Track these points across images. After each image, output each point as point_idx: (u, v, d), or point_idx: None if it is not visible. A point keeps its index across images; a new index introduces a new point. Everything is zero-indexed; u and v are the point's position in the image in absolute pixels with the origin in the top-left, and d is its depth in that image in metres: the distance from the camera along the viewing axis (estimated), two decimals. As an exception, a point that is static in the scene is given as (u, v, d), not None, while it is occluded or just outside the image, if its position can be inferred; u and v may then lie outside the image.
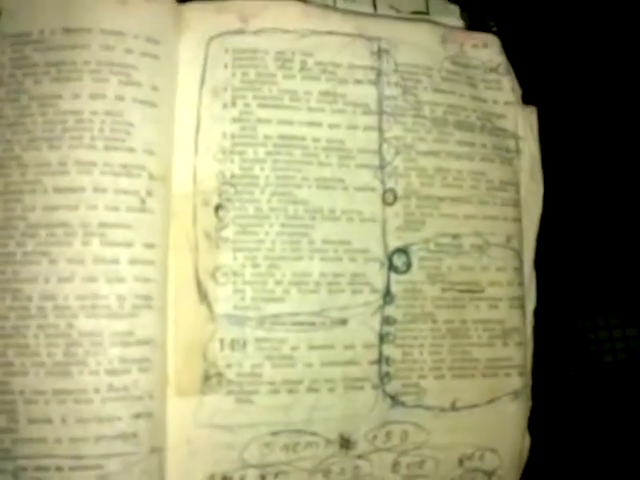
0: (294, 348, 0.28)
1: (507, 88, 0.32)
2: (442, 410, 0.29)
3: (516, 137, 0.32)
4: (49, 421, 0.25)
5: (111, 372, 0.25)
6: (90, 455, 0.25)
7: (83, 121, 0.26)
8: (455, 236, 0.30)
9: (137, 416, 0.25)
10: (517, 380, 0.30)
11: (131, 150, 0.27)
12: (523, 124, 0.32)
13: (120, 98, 0.27)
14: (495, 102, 0.32)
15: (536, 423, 0.31)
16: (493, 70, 0.32)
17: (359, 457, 0.28)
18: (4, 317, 0.25)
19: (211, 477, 0.27)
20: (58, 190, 0.26)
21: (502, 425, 0.30)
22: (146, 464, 0.25)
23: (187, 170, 0.28)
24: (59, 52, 0.26)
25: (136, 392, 0.26)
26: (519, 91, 0.33)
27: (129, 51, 0.27)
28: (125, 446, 0.25)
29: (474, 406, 0.30)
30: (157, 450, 0.26)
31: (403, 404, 0.29)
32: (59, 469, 0.25)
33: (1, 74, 0.27)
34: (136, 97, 0.27)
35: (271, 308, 0.28)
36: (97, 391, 0.25)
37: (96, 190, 0.26)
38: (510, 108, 0.32)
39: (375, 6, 0.32)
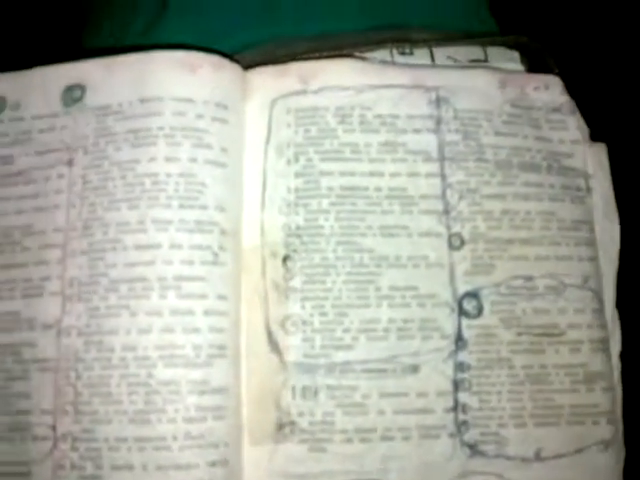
0: (365, 396, 0.29)
1: (573, 127, 0.33)
2: (525, 460, 0.29)
3: (586, 175, 0.33)
4: (131, 468, 0.27)
5: (188, 420, 0.27)
6: (169, 502, 0.27)
7: (159, 182, 0.29)
8: (528, 278, 0.31)
9: (213, 464, 0.27)
10: (606, 428, 0.30)
11: (204, 208, 0.30)
12: (592, 162, 0.33)
13: (193, 160, 0.30)
14: (561, 141, 0.33)
15: (632, 475, 0.30)
16: (556, 110, 0.33)
17: (439, 509, 0.28)
18: (90, 368, 0.28)
19: (287, 527, 0.28)
20: (137, 247, 0.29)
21: (593, 477, 0.29)
22: (223, 512, 0.27)
23: (255, 224, 0.31)
24: (136, 120, 0.30)
25: (212, 440, 0.27)
26: (586, 129, 0.34)
27: (200, 116, 0.30)
28: (202, 494, 0.27)
29: (560, 456, 0.29)
30: (233, 499, 0.27)
31: (483, 454, 0.29)
32: (140, 516, 0.27)
33: (86, 144, 0.31)
34: (207, 159, 0.30)
35: (341, 356, 0.29)
36: (175, 439, 0.27)
37: (172, 246, 0.29)
38: (577, 147, 0.33)
39: (433, 58, 0.35)
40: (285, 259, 0.30)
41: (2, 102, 0.32)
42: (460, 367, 0.30)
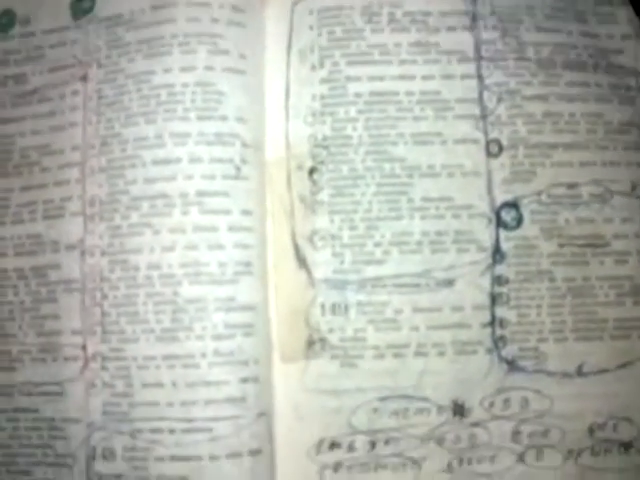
0: (398, 311, 0.29)
1: (623, 20, 0.31)
2: (566, 375, 0.29)
3: (636, 74, 0.31)
4: (160, 385, 0.27)
5: (216, 337, 0.28)
6: (200, 418, 0.27)
7: (175, 94, 0.29)
8: (571, 186, 0.30)
9: (244, 380, 0.28)
10: (653, 342, 0.29)
11: (223, 119, 0.29)
12: (645, 58, 0.31)
13: (209, 68, 0.29)
14: (610, 37, 0.31)
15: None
16: (605, 2, 0.31)
17: (475, 425, 0.28)
18: (115, 287, 0.28)
19: (319, 442, 0.28)
20: (156, 163, 0.29)
21: (637, 391, 0.29)
22: (255, 428, 0.27)
23: (279, 135, 0.30)
24: (149, 29, 0.29)
25: (241, 357, 0.28)
26: (638, 22, 0.31)
27: (215, 21, 0.29)
28: (234, 409, 0.27)
29: (603, 371, 0.29)
30: (265, 414, 0.28)
31: (521, 369, 0.29)
32: (172, 431, 0.27)
33: (99, 57, 0.30)
34: (225, 66, 0.29)
35: (371, 271, 0.29)
36: (204, 356, 0.27)
37: (192, 160, 0.28)
38: (628, 42, 0.31)
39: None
40: (312, 171, 0.29)
41: (11, 17, 0.32)
42: (498, 280, 0.29)
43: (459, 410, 0.28)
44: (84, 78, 0.30)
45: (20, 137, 0.30)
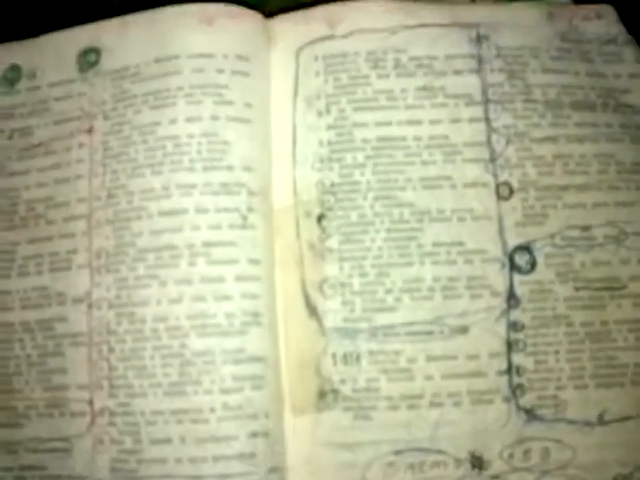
0: (411, 360, 0.28)
1: (630, 60, 0.31)
2: (588, 424, 0.28)
3: (647, 112, 0.30)
4: (169, 441, 0.27)
5: (225, 391, 0.27)
6: (209, 475, 0.26)
7: (181, 145, 0.28)
8: (585, 228, 0.29)
9: (254, 435, 0.27)
10: (677, 387, 0.28)
11: (229, 168, 0.28)
12: (653, 97, 0.31)
13: (215, 118, 0.29)
14: (617, 76, 0.31)
15: None
16: (611, 42, 0.31)
17: (494, 478, 0.27)
18: (122, 341, 0.28)
19: (333, 499, 0.27)
20: (162, 214, 0.28)
21: (663, 440, 0.28)
22: (266, 485, 0.26)
23: (287, 183, 0.29)
24: (154, 81, 0.29)
25: (251, 410, 0.27)
26: (645, 61, 0.31)
27: (220, 71, 0.29)
28: (244, 466, 0.26)
29: (626, 418, 0.28)
30: (277, 470, 0.27)
31: (541, 418, 0.28)
32: (181, 490, 0.26)
33: (105, 109, 0.30)
34: (230, 115, 0.29)
35: (383, 318, 0.28)
36: (212, 410, 0.27)
37: (198, 211, 0.28)
38: (636, 81, 0.31)
39: (471, -7, 0.33)
40: (320, 218, 0.29)
41: (18, 71, 0.32)
42: (513, 326, 0.28)
43: (477, 462, 0.27)
44: (90, 130, 0.30)
45: (25, 190, 0.30)
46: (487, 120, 0.29)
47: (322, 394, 0.28)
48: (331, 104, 0.30)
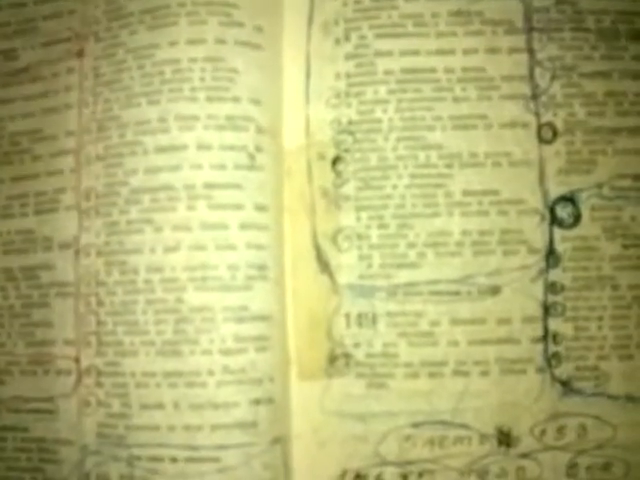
0: (434, 323, 0.24)
1: (700, -16, 0.26)
2: (631, 400, 0.24)
3: None
4: (161, 407, 0.23)
5: (225, 352, 0.23)
6: (206, 445, 0.23)
7: (182, 71, 0.24)
8: (637, 177, 0.25)
9: (256, 402, 0.23)
10: None
11: (236, 100, 0.24)
12: None
13: (221, 41, 0.24)
14: (683, 4, 0.26)
15: None
16: (679, -37, 0.26)
17: (523, 456, 0.24)
18: (112, 293, 0.24)
19: (343, 474, 0.24)
20: (159, 150, 0.24)
21: None
22: (268, 456, 0.23)
23: (299, 120, 0.25)
24: (153, -3, 0.25)
25: (254, 374, 0.23)
26: None
27: (227, -13, 0.24)
28: (244, 436, 0.23)
29: None
30: (280, 440, 0.23)
31: (579, 392, 0.24)
32: (174, 460, 0.23)
33: (97, 30, 0.25)
34: (238, 39, 0.25)
35: (404, 276, 0.24)
36: (211, 373, 0.23)
37: (200, 147, 0.24)
38: None
39: None
40: (335, 161, 0.25)
41: (0, -14, 0.27)
42: (552, 288, 0.24)
43: (505, 439, 0.23)
44: (80, 54, 0.26)
45: (10, 121, 0.26)
46: (530, 51, 0.25)
47: (333, 358, 0.24)
48: (351, 30, 0.25)
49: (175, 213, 0.24)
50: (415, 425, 0.24)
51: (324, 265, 0.24)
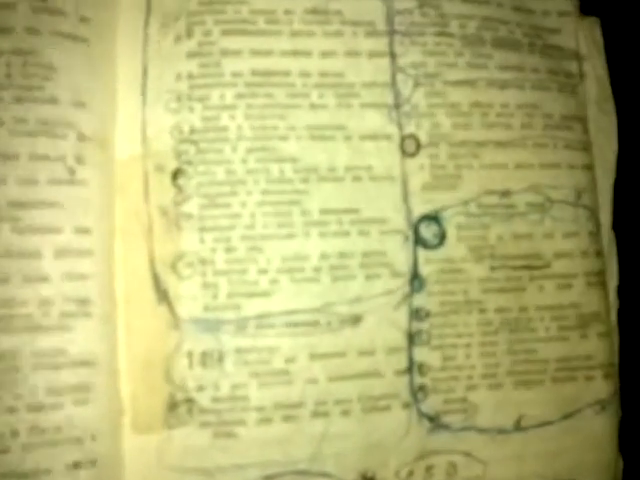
0: (290, 359, 0.21)
1: (560, -6, 0.24)
2: (502, 432, 0.22)
3: (577, 57, 0.24)
4: (-48, 479, 0.18)
5: (35, 408, 0.19)
6: (8, 525, 0.18)
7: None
8: (504, 193, 0.23)
9: (75, 466, 0.19)
10: (602, 385, 0.23)
11: (53, 102, 0.20)
12: (585, 40, 0.25)
13: (33, 31, 0.20)
14: (546, 14, 0.25)
15: (629, 441, 0.23)
16: (540, -28, 0.24)
17: (390, 503, 0.21)
18: None
19: (184, 542, 0.20)
20: (-51, 161, 0.19)
21: (585, 446, 0.22)
22: (91, 531, 0.19)
23: (133, 127, 0.21)
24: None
25: (72, 433, 0.19)
26: (576, -1, 0.25)
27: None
28: (59, 510, 0.18)
29: (546, 423, 0.22)
30: (107, 510, 0.19)
31: (447, 427, 0.21)
32: None
33: None
34: (57, 30, 0.20)
35: (255, 306, 0.21)
36: (15, 435, 0.18)
37: (4, 157, 0.19)
38: (566, 20, 0.25)
39: None
40: (176, 174, 0.21)
41: None
42: (416, 314, 0.21)
43: (370, 486, 0.21)
44: None
45: None
46: (392, 55, 0.22)
47: (173, 405, 0.20)
48: (194, 25, 0.21)
49: (-28, 239, 0.19)
50: (268, 478, 0.20)
51: (162, 295, 0.20)
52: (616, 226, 0.24)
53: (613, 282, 0.24)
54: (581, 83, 0.24)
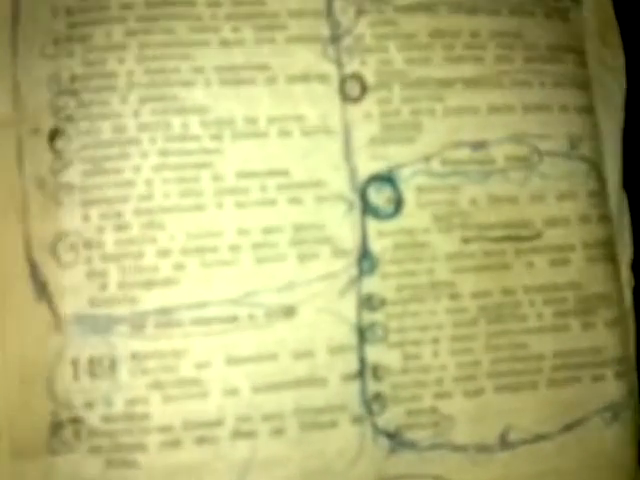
0: (202, 365, 0.16)
1: None
2: (484, 449, 0.17)
3: (571, -26, 0.19)
4: None
5: None
6: None
7: None
8: (478, 145, 0.18)
9: None
10: (614, 386, 0.18)
11: None
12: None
13: None
14: None
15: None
16: None
17: None
18: None
19: None
20: None
21: (593, 466, 0.17)
22: None
23: (2, 84, 0.17)
24: None
25: None
26: None
27: None
28: None
29: (540, 438, 0.17)
30: None
31: (413, 445, 0.17)
32: None
33: None
34: None
35: (155, 298, 0.16)
36: None
37: None
38: None
39: None
40: (53, 136, 0.16)
41: None
42: (368, 303, 0.17)
43: (309, 526, 0.16)
44: None
45: None
46: (327, -24, 0.17)
47: (57, 426, 0.16)
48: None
49: None
50: (176, 519, 0.16)
51: (41, 288, 0.16)
52: (627, 183, 0.19)
53: (626, 255, 0.19)
54: (575, 7, 0.19)
